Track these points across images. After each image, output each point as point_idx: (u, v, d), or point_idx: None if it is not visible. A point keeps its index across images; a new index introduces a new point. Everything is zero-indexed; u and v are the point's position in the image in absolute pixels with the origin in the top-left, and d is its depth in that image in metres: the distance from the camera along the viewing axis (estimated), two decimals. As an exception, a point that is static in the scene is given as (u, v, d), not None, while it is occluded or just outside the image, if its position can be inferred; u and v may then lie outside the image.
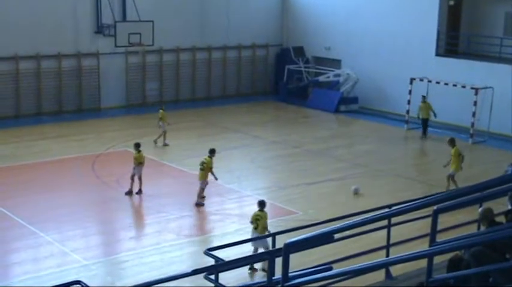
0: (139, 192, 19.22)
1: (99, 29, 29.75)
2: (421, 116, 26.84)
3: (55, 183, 20.51)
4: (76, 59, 29.94)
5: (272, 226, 15.70)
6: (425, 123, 26.78)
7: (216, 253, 9.84)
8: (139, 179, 19.17)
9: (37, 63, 28.99)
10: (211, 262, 9.57)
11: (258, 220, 14.50)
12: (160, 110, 25.04)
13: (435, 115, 26.51)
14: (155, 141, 24.60)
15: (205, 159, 18.79)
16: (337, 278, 7.94)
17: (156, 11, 30.57)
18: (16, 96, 28.72)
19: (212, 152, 19.05)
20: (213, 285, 8.87)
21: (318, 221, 11.48)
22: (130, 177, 19.19)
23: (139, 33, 28.07)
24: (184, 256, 15.61)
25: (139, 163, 19.18)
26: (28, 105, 29.07)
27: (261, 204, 14.79)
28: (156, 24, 28.65)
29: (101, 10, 29.64)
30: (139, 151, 19.38)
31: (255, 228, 14.38)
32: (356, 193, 19.52)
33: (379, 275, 10.51)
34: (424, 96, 26.92)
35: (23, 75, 28.74)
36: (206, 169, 18.69)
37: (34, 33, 28.61)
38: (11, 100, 28.69)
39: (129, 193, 19.14)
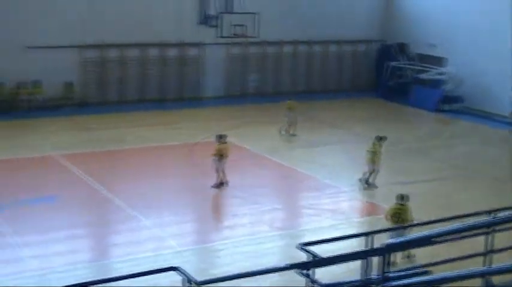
0: (222, 185, 19.13)
1: (204, 19, 30.16)
2: None
3: (155, 169, 21.02)
4: (180, 49, 30.58)
5: (368, 224, 15.54)
6: None
7: (308, 247, 9.75)
8: (221, 171, 19.07)
9: (142, 52, 29.82)
10: (302, 256, 9.49)
11: (400, 214, 14.04)
12: (288, 101, 25.20)
13: None
14: (287, 131, 25.02)
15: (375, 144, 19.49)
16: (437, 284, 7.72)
17: (261, 3, 30.66)
18: (121, 83, 29.70)
19: (381, 139, 19.68)
20: (304, 280, 8.79)
21: (415, 223, 11.23)
22: (216, 170, 19.17)
23: (244, 25, 28.31)
24: (276, 249, 15.67)
25: (220, 155, 19.08)
26: (132, 92, 30.00)
27: (403, 198, 14.40)
28: (260, 16, 28.76)
29: (206, 1, 30.05)
30: (224, 143, 19.35)
31: (396, 222, 13.83)
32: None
33: (478, 280, 10.20)
34: None
35: (128, 63, 29.67)
36: (376, 153, 19.34)
37: (140, 22, 29.43)
38: (116, 86, 29.70)
39: (220, 184, 19.21)
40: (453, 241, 10.12)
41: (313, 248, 9.92)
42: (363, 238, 9.72)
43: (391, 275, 6.80)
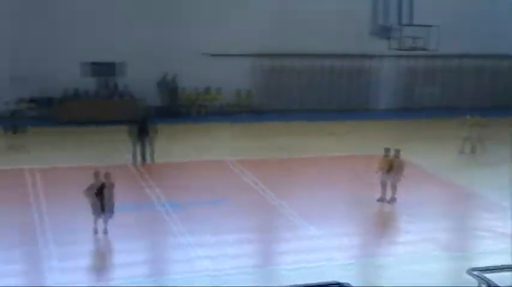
0: (388, 200, 18.99)
1: (377, 31, 29.89)
2: None
3: (324, 179, 21.36)
4: (351, 60, 30.70)
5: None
6: None
7: (480, 273, 9.40)
8: (390, 186, 18.91)
9: (314, 62, 30.41)
10: (468, 279, 9.16)
11: None
12: (468, 117, 24.64)
13: None
14: (463, 150, 24.43)
15: None
16: None
17: (431, 16, 29.75)
18: (295, 91, 30.42)
19: None
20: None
21: None
22: (382, 184, 19.02)
23: (419, 37, 27.76)
24: (442, 270, 15.21)
25: (387, 169, 18.87)
26: (304, 101, 30.60)
27: None
28: (432, 29, 28.01)
29: (384, 12, 29.79)
30: (396, 157, 19.09)
31: None
32: None
33: None
34: None
35: (301, 72, 30.33)
36: None
37: (313, 33, 29.95)
38: (290, 95, 30.45)
39: (388, 199, 19.08)
40: None
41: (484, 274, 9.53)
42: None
43: None
